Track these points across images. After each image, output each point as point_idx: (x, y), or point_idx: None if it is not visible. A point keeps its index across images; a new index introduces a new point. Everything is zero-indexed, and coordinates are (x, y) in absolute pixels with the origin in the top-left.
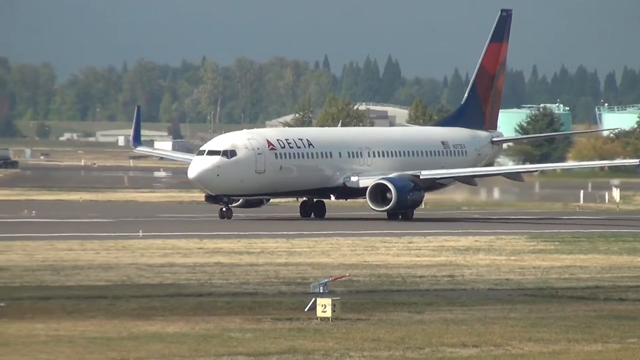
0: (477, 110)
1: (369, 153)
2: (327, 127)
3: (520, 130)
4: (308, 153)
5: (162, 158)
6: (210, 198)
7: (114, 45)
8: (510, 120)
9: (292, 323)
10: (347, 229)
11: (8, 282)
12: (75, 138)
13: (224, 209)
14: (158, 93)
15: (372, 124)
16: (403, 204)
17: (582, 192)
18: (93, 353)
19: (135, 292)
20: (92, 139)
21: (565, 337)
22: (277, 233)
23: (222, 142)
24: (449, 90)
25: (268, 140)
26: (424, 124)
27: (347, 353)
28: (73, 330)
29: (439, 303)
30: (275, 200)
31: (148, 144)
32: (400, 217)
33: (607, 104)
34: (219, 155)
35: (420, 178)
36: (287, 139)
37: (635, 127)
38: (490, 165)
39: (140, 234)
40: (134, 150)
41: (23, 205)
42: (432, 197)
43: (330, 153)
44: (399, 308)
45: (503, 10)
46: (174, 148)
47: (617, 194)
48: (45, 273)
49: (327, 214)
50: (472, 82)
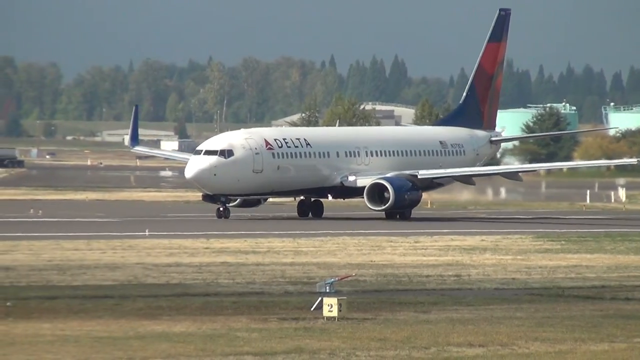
0: (475, 110)
1: (367, 152)
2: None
3: (527, 130)
4: (305, 152)
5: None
6: (208, 198)
7: (121, 45)
8: (517, 120)
9: (298, 323)
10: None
11: (14, 281)
12: (82, 138)
13: (222, 209)
14: (164, 93)
15: (378, 124)
16: (401, 204)
17: (588, 191)
18: (99, 353)
19: (142, 291)
20: (98, 139)
21: (572, 336)
22: (283, 233)
23: (219, 141)
24: (456, 90)
25: (265, 140)
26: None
27: (353, 352)
28: (79, 330)
29: (445, 302)
30: (280, 200)
31: (154, 144)
32: (398, 216)
33: (613, 104)
34: (216, 155)
35: (418, 178)
36: (284, 139)
37: None
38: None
39: (147, 234)
40: (132, 150)
41: (29, 205)
42: (438, 196)
43: (328, 153)
44: (405, 307)
45: (501, 10)
46: (180, 148)
47: (623, 194)
48: (52, 273)
49: (324, 214)
50: (470, 81)
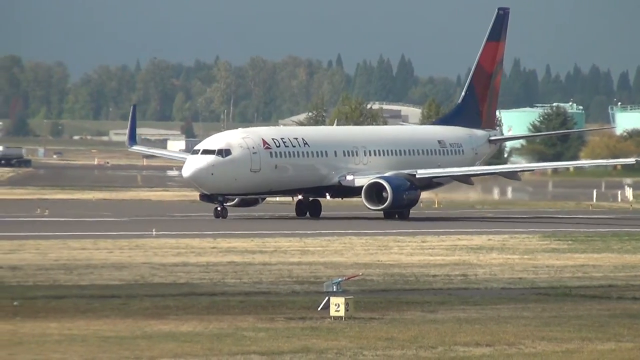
0: (474, 109)
1: (365, 152)
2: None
3: (533, 130)
4: (303, 152)
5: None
6: (205, 197)
7: (127, 44)
8: (524, 120)
9: (305, 322)
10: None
11: (21, 281)
12: (89, 137)
13: (219, 208)
14: (171, 92)
15: (385, 123)
16: (399, 203)
17: (595, 191)
18: (106, 352)
19: (149, 291)
20: (105, 138)
21: (579, 336)
22: (290, 232)
23: (216, 141)
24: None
25: (263, 139)
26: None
27: (360, 352)
28: (86, 330)
29: (452, 302)
30: (281, 199)
31: (161, 143)
32: (397, 216)
33: (620, 103)
34: (214, 155)
35: (417, 177)
36: (282, 138)
37: None
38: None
39: (154, 233)
40: (130, 150)
41: (36, 204)
42: (445, 196)
43: (326, 152)
44: (412, 307)
45: (500, 9)
46: (187, 147)
47: (630, 193)
48: (59, 272)
49: (322, 213)
50: (469, 81)
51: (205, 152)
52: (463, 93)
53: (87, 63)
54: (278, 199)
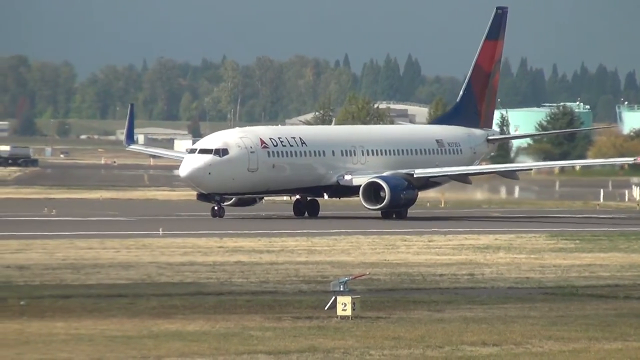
0: (472, 109)
1: (363, 151)
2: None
3: (540, 129)
4: (301, 151)
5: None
6: (202, 197)
7: (134, 44)
8: (531, 119)
9: (312, 321)
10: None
11: (28, 280)
12: (95, 137)
13: (216, 208)
14: (178, 92)
15: (392, 123)
16: (397, 203)
17: (602, 190)
18: (113, 352)
19: (156, 290)
20: (112, 138)
21: (586, 335)
22: (296, 232)
23: (214, 140)
24: None
25: (261, 139)
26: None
27: (367, 351)
28: (93, 329)
29: (459, 301)
30: (280, 198)
31: (168, 143)
32: (395, 216)
33: (627, 103)
34: (211, 154)
35: (414, 177)
36: (279, 137)
37: None
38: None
39: (161, 233)
40: (127, 149)
41: (43, 204)
42: (452, 195)
43: (324, 151)
44: (419, 306)
45: (498, 8)
46: None
47: (637, 193)
48: (66, 271)
49: (320, 213)
50: (467, 80)
51: (203, 151)
52: (461, 92)
53: (94, 62)
54: (285, 198)
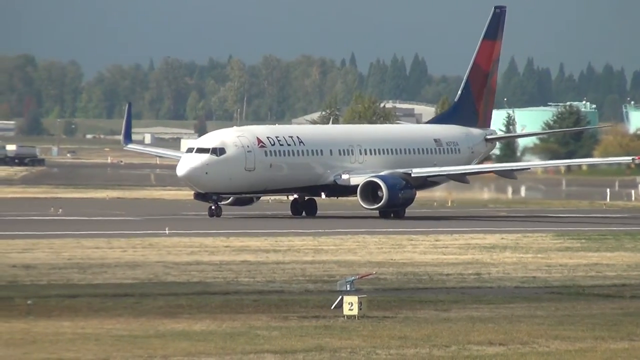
0: (470, 108)
1: (360, 151)
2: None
3: (547, 129)
4: (298, 150)
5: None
6: (200, 196)
7: (141, 43)
8: (537, 118)
9: (318, 321)
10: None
11: (35, 280)
12: (102, 136)
13: (213, 207)
14: (184, 91)
15: (399, 122)
16: (394, 202)
17: (608, 190)
18: (120, 351)
19: (162, 290)
20: (118, 137)
21: (592, 335)
22: (303, 231)
23: (211, 139)
24: None
25: (258, 138)
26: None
27: (373, 351)
28: (100, 328)
29: (466, 301)
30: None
31: (175, 142)
32: (392, 215)
33: (633, 102)
34: (208, 153)
35: (412, 176)
36: (277, 137)
37: None
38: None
39: (167, 232)
40: (124, 148)
41: (50, 203)
42: (459, 195)
43: (321, 150)
44: (426, 306)
45: (497, 7)
46: None
47: None
48: (72, 271)
49: (317, 213)
50: (465, 79)
51: (200, 150)
52: (459, 92)
53: (100, 62)
54: (274, 198)
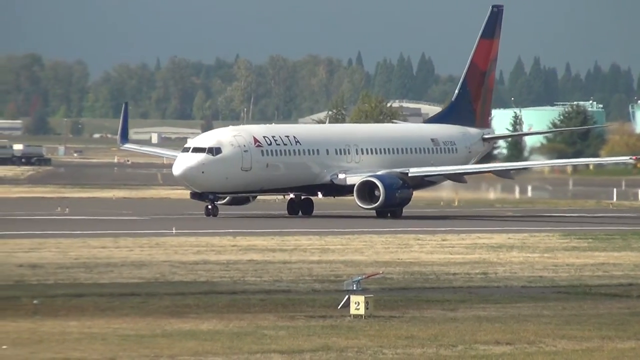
0: (467, 108)
1: (357, 150)
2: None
3: (553, 128)
4: (295, 150)
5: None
6: (196, 195)
7: (147, 43)
8: (544, 118)
9: (325, 320)
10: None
11: (42, 279)
12: (109, 136)
13: (210, 207)
14: (191, 90)
15: (405, 121)
16: (391, 202)
17: (615, 189)
18: (126, 350)
19: (169, 289)
20: None
21: (599, 334)
22: (310, 230)
23: (207, 139)
24: None
25: (254, 137)
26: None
27: (380, 350)
28: (106, 328)
29: (472, 300)
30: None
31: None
32: (389, 215)
33: None
34: (204, 153)
35: (409, 175)
36: (273, 136)
37: None
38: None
39: (174, 231)
40: (121, 148)
41: (56, 203)
42: (466, 195)
43: (318, 150)
44: (432, 305)
45: (494, 6)
46: None
47: None
48: (79, 270)
49: (314, 212)
50: (462, 78)
51: (196, 150)
52: (456, 91)
53: (107, 61)
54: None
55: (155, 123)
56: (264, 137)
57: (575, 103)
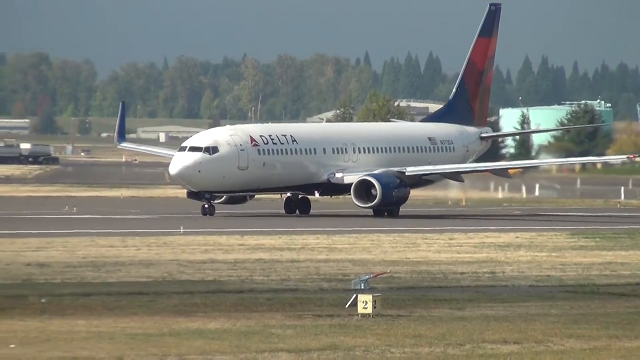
0: (465, 106)
1: (354, 149)
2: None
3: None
4: (292, 149)
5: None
6: (192, 194)
7: (155, 42)
8: (551, 117)
9: (333, 319)
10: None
11: (49, 278)
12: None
13: (206, 206)
14: (199, 89)
15: (412, 120)
16: (388, 201)
17: (622, 188)
18: (134, 349)
19: (176, 288)
20: (132, 136)
21: (606, 333)
22: (317, 229)
23: (204, 138)
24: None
25: (251, 136)
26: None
27: (388, 349)
28: (114, 327)
29: (480, 299)
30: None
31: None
32: (386, 213)
33: None
34: (201, 152)
35: (406, 174)
36: (270, 135)
37: None
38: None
39: (182, 230)
40: (118, 147)
41: (64, 202)
42: (474, 194)
43: (314, 149)
44: (440, 304)
45: (492, 5)
46: None
47: None
48: (86, 269)
49: (311, 211)
50: (460, 77)
51: (192, 149)
52: (454, 90)
53: (114, 60)
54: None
55: (163, 122)
56: (261, 136)
57: (583, 102)
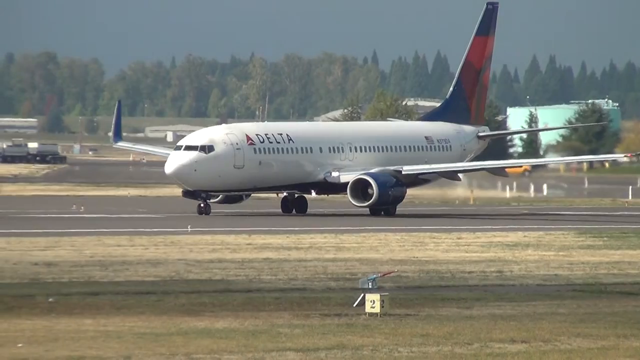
0: (462, 105)
1: (351, 148)
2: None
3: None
4: (288, 148)
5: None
6: (188, 194)
7: (163, 41)
8: (559, 116)
9: (340, 319)
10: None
11: (57, 277)
12: (124, 134)
13: (202, 205)
14: (206, 88)
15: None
16: (384, 200)
17: (630, 187)
18: (142, 349)
19: (184, 287)
20: (140, 135)
21: (614, 332)
22: (325, 229)
23: (200, 137)
24: (498, 86)
25: (247, 135)
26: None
27: (395, 348)
28: (122, 326)
29: (488, 298)
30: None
31: None
32: (383, 213)
33: None
34: (197, 151)
35: (403, 173)
36: (266, 134)
37: None
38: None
39: (189, 230)
40: (114, 146)
41: (71, 201)
42: (481, 193)
43: (311, 148)
44: (448, 303)
45: (489, 4)
46: None
47: None
48: (94, 268)
49: (307, 210)
50: (457, 76)
51: (188, 148)
52: (451, 89)
53: (122, 60)
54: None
55: (171, 121)
56: (257, 135)
57: (591, 101)
